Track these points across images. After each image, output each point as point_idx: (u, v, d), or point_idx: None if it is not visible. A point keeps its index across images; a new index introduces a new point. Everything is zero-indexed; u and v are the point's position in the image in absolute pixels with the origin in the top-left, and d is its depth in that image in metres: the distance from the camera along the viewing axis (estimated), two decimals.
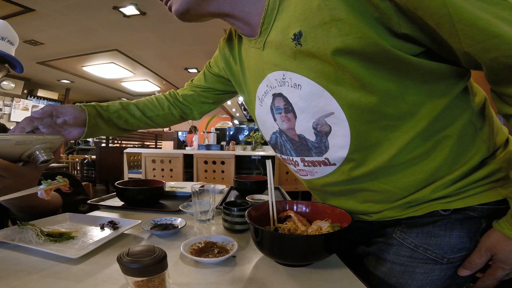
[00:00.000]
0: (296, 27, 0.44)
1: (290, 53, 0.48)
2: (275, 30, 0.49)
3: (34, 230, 0.53)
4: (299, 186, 2.61)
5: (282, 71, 0.50)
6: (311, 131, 0.51)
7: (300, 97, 0.49)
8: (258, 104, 0.61)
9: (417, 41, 0.40)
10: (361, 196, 0.55)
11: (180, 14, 0.52)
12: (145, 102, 0.82)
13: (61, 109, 0.65)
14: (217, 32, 3.62)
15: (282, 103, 0.54)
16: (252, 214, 0.55)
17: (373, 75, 0.42)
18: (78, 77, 5.79)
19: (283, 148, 0.60)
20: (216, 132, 3.47)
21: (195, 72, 5.51)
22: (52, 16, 3.15)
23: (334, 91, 0.45)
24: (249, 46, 0.59)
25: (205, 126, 3.40)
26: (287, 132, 0.56)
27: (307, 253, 0.45)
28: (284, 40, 0.47)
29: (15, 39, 0.74)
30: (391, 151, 0.47)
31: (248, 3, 0.51)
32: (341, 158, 0.51)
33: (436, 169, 0.48)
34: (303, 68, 0.47)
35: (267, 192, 0.60)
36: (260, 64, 0.56)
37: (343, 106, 0.45)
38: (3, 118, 5.45)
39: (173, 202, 0.94)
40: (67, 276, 0.41)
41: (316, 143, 0.52)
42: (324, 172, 0.55)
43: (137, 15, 3.14)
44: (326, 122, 0.48)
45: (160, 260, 0.33)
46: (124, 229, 0.59)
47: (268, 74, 0.54)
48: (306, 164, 0.57)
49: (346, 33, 0.40)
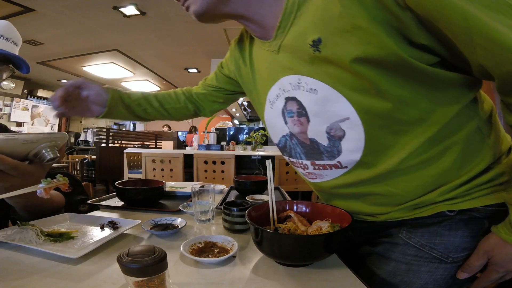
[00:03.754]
0: (315, 33, 0.45)
1: (307, 58, 0.48)
2: (291, 34, 0.50)
3: (34, 230, 0.53)
4: (299, 186, 2.61)
5: (298, 76, 0.51)
6: (324, 135, 0.51)
7: (315, 101, 0.50)
8: (269, 107, 0.61)
9: (434, 51, 0.40)
10: (369, 199, 0.55)
11: (199, 14, 0.53)
12: (164, 95, 0.85)
13: (89, 84, 0.69)
14: (217, 32, 3.62)
15: (295, 107, 0.54)
16: (252, 214, 0.54)
17: (389, 82, 0.43)
18: (78, 77, 5.79)
19: (293, 152, 0.60)
20: (216, 132, 3.47)
21: (195, 72, 5.50)
22: (52, 16, 3.15)
23: (350, 96, 0.46)
24: (261, 49, 0.59)
25: (205, 126, 3.40)
26: (298, 136, 0.56)
27: (307, 253, 0.45)
28: (301, 45, 0.48)
29: (19, 39, 0.74)
30: (401, 154, 0.48)
31: (264, 5, 0.51)
32: (354, 161, 0.51)
33: (444, 173, 0.49)
34: (320, 73, 0.47)
35: (267, 192, 0.60)
36: (273, 67, 0.56)
37: (359, 111, 0.46)
38: (3, 118, 5.45)
39: (173, 202, 0.94)
40: (67, 276, 0.41)
41: (329, 147, 0.52)
42: (335, 175, 0.56)
43: (137, 15, 3.14)
44: (340, 126, 0.49)
45: (160, 260, 0.33)
46: (124, 229, 0.59)
47: (282, 78, 0.54)
48: (316, 167, 0.57)
49: (366, 42, 0.40)
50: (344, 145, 0.50)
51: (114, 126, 8.60)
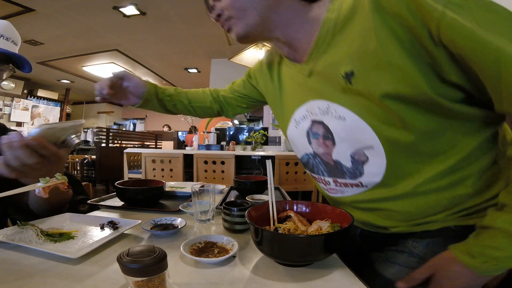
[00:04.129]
0: (349, 65, 0.46)
1: (338, 87, 0.49)
2: (324, 62, 0.51)
3: (34, 230, 0.53)
4: (299, 186, 2.61)
5: (327, 101, 0.52)
6: (348, 158, 0.53)
7: (342, 128, 0.51)
8: (293, 126, 0.63)
9: (462, 88, 0.41)
10: (384, 214, 0.57)
11: (240, 37, 0.55)
12: (193, 93, 0.89)
13: (131, 77, 0.76)
14: (217, 32, 3.62)
15: (321, 130, 0.55)
16: (252, 214, 0.55)
17: (415, 117, 0.44)
18: (78, 77, 5.79)
19: (315, 168, 0.61)
20: (216, 132, 3.47)
21: (195, 72, 5.50)
22: (52, 16, 3.15)
23: (377, 128, 0.47)
24: (291, 69, 0.61)
25: (205, 126, 3.40)
26: (322, 156, 0.58)
27: (307, 253, 0.45)
28: (333, 74, 0.49)
29: (18, 39, 0.74)
30: (419, 180, 0.50)
31: (301, 30, 0.53)
32: (374, 183, 0.53)
33: (459, 198, 0.50)
34: (350, 103, 0.49)
35: (267, 192, 0.60)
36: (302, 89, 0.58)
37: (383, 141, 0.48)
38: (3, 118, 5.45)
39: (173, 202, 0.94)
40: (67, 276, 0.41)
41: (352, 169, 0.54)
42: (355, 192, 0.57)
43: (137, 15, 3.14)
44: (364, 153, 0.51)
45: (160, 260, 0.33)
46: (124, 229, 0.59)
47: (311, 101, 0.56)
48: (338, 184, 0.58)
49: (398, 80, 0.42)
50: (366, 169, 0.52)
51: (114, 126, 8.60)
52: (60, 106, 6.42)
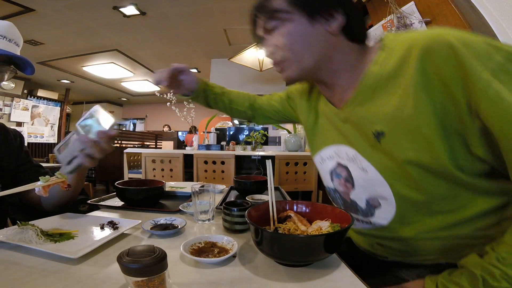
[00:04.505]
0: (381, 125, 0.48)
1: (368, 141, 0.52)
2: (359, 114, 0.53)
3: (34, 230, 0.53)
4: (299, 186, 2.61)
5: (356, 151, 0.54)
6: (363, 201, 0.56)
7: (363, 178, 0.54)
8: (318, 161, 0.66)
9: (486, 161, 0.43)
10: (383, 248, 0.60)
11: (292, 80, 0.57)
12: (235, 95, 0.91)
13: (188, 72, 0.80)
14: (217, 32, 3.62)
15: (344, 173, 0.58)
16: (252, 214, 0.54)
17: (432, 184, 0.47)
18: (78, 77, 5.78)
19: (335, 200, 0.65)
20: (216, 132, 3.47)
21: (195, 72, 5.50)
22: (52, 16, 3.14)
23: (393, 185, 0.50)
24: (328, 109, 0.62)
25: (205, 126, 3.40)
26: (341, 193, 0.61)
27: (307, 253, 0.45)
28: (365, 129, 0.51)
29: (21, 40, 0.74)
30: (421, 229, 0.52)
31: (346, 78, 0.54)
32: (380, 225, 0.56)
33: (456, 246, 0.51)
34: (375, 159, 0.51)
35: (267, 192, 0.60)
36: (335, 132, 0.60)
37: (396, 196, 0.51)
38: (3, 118, 5.45)
39: (173, 202, 0.94)
40: (67, 276, 0.41)
41: (365, 209, 0.57)
42: (363, 226, 0.61)
43: (137, 15, 3.14)
44: (378, 200, 0.54)
45: (160, 260, 0.33)
46: (124, 229, 0.59)
47: (341, 145, 0.58)
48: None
49: (423, 150, 0.44)
50: (377, 212, 0.55)
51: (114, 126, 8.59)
52: (60, 106, 6.41)
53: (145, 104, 8.72)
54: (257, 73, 3.92)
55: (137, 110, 8.91)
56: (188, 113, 3.34)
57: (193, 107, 3.34)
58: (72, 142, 0.61)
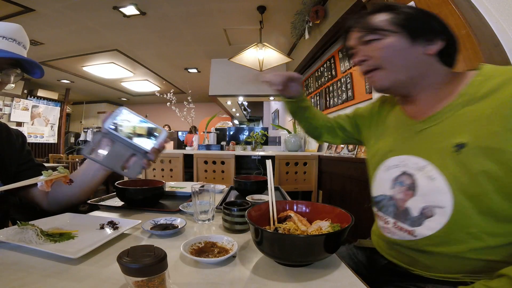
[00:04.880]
0: (465, 138, 0.49)
1: (443, 151, 0.53)
2: (442, 127, 0.55)
3: (34, 230, 0.53)
4: (299, 186, 2.61)
5: (426, 161, 0.55)
6: (418, 209, 0.56)
7: (428, 187, 0.54)
8: (382, 170, 0.66)
9: None
10: (414, 261, 0.59)
11: (382, 89, 0.61)
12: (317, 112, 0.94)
13: (298, 81, 0.85)
14: (217, 32, 3.62)
15: (408, 181, 0.58)
16: (252, 214, 0.55)
17: (495, 200, 0.47)
18: (78, 77, 5.78)
19: (384, 208, 0.64)
20: (216, 132, 3.47)
21: (195, 72, 5.49)
22: (52, 16, 3.14)
23: (458, 196, 0.50)
24: (401, 121, 0.65)
25: (205, 126, 3.40)
26: (397, 201, 0.60)
27: (307, 253, 0.45)
28: (445, 139, 0.53)
29: (28, 43, 0.73)
30: (462, 248, 0.51)
31: (434, 95, 0.57)
32: (424, 235, 0.55)
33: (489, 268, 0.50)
34: (446, 168, 0.52)
35: (267, 192, 0.60)
36: (405, 142, 0.62)
37: (456, 207, 0.50)
38: (3, 118, 5.44)
39: (173, 202, 0.94)
40: (67, 276, 0.41)
41: (415, 218, 0.57)
42: (402, 237, 0.59)
43: (137, 15, 3.13)
44: (433, 210, 0.53)
45: (160, 260, 0.33)
46: (124, 229, 0.59)
47: (410, 155, 0.59)
48: (395, 226, 0.61)
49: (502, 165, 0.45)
50: (426, 222, 0.55)
51: None
52: (60, 106, 6.41)
53: (145, 104, 8.71)
54: (257, 73, 3.92)
55: (137, 110, 8.77)
56: (188, 113, 3.34)
57: (193, 107, 3.34)
58: (115, 147, 0.60)
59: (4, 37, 0.62)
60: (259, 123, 10.19)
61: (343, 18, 2.21)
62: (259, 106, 7.92)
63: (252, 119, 10.53)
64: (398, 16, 0.56)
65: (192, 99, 3.40)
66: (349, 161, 2.06)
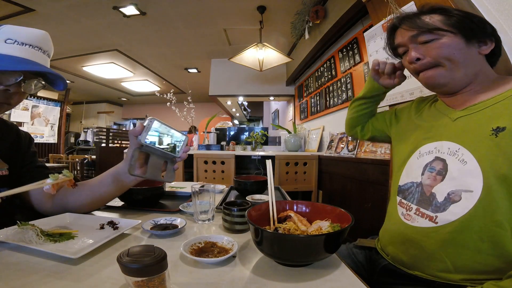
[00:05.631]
0: (506, 122, 0.51)
1: (479, 136, 0.54)
2: (481, 115, 0.56)
3: (34, 230, 0.53)
4: (299, 186, 2.61)
5: (459, 145, 0.57)
6: (444, 194, 0.57)
7: (459, 170, 0.55)
8: (416, 156, 0.67)
9: None
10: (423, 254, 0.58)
11: (437, 85, 0.63)
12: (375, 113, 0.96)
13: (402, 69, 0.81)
14: (217, 32, 3.62)
15: (440, 166, 0.59)
16: (252, 214, 0.55)
17: None
18: (78, 77, 5.78)
19: (410, 195, 0.65)
20: (216, 132, 3.47)
21: (195, 72, 5.50)
22: (52, 16, 3.14)
23: (488, 179, 0.50)
24: (436, 110, 0.68)
25: (205, 126, 3.40)
26: (424, 187, 0.61)
27: (307, 253, 0.45)
28: (482, 124, 0.54)
29: (52, 51, 0.68)
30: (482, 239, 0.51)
31: (480, 92, 0.59)
32: (447, 220, 0.55)
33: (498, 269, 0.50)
34: (480, 151, 0.53)
35: (267, 192, 0.60)
36: (440, 129, 0.64)
37: (485, 189, 0.51)
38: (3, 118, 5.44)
39: (173, 202, 0.94)
40: (67, 276, 0.41)
41: (440, 203, 0.57)
42: (423, 225, 0.59)
43: (137, 15, 3.13)
44: (461, 194, 0.54)
45: (160, 260, 0.33)
46: (124, 229, 0.59)
47: (444, 141, 0.61)
48: (417, 213, 0.61)
49: None
50: (452, 207, 0.55)
51: (114, 126, 8.60)
52: (60, 106, 6.41)
53: (145, 104, 8.71)
54: (257, 73, 3.92)
55: (137, 110, 8.90)
56: (188, 113, 3.34)
57: (193, 107, 3.34)
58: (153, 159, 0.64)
59: (30, 45, 0.60)
60: (259, 123, 10.19)
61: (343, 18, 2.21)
62: (259, 106, 7.92)
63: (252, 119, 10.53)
64: (451, 18, 0.59)
65: (192, 99, 3.40)
66: (349, 161, 2.06)
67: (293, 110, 4.46)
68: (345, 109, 2.50)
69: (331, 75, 2.80)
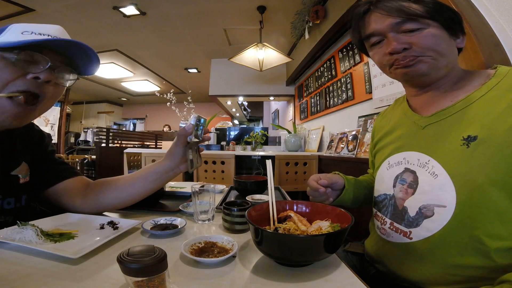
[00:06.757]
0: (476, 131, 0.49)
1: (448, 146, 0.52)
2: (451, 121, 0.54)
3: (34, 230, 0.53)
4: (299, 186, 2.61)
5: (429, 157, 0.54)
6: (415, 208, 0.55)
7: (430, 183, 0.53)
8: (385, 167, 0.65)
9: None
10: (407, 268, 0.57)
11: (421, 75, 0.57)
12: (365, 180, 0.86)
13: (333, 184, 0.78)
14: (217, 32, 3.62)
15: (410, 179, 0.57)
16: (252, 214, 0.55)
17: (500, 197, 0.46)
18: None
19: (384, 208, 0.64)
20: (216, 132, 3.47)
21: (195, 72, 5.50)
22: (52, 16, 3.14)
23: (462, 194, 0.48)
24: (406, 116, 0.65)
25: None
26: (397, 200, 0.60)
27: (307, 253, 0.45)
28: (452, 133, 0.52)
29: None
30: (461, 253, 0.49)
31: (449, 89, 0.57)
32: (422, 237, 0.53)
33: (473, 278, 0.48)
34: (450, 163, 0.51)
35: (267, 192, 0.60)
36: (409, 138, 0.61)
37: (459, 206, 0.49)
38: None
39: (173, 202, 0.94)
40: (67, 276, 0.41)
41: (412, 218, 0.55)
42: (397, 240, 0.58)
43: (137, 15, 3.14)
44: (433, 209, 0.52)
45: (160, 260, 0.33)
46: (124, 229, 0.59)
47: (413, 151, 0.58)
48: (391, 227, 0.60)
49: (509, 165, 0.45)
50: (425, 222, 0.53)
51: (114, 126, 8.60)
52: (60, 106, 6.40)
53: (145, 104, 8.71)
54: (257, 73, 3.92)
55: (137, 110, 8.91)
56: (188, 113, 3.34)
57: (193, 107, 3.34)
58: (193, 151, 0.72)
59: (48, 35, 0.57)
60: (259, 123, 10.19)
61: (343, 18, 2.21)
62: (259, 106, 7.92)
63: (252, 119, 10.53)
64: (428, 6, 0.54)
65: (192, 99, 3.40)
66: (349, 161, 2.06)
67: (293, 110, 4.46)
68: (345, 109, 2.50)
69: (331, 75, 2.80)
